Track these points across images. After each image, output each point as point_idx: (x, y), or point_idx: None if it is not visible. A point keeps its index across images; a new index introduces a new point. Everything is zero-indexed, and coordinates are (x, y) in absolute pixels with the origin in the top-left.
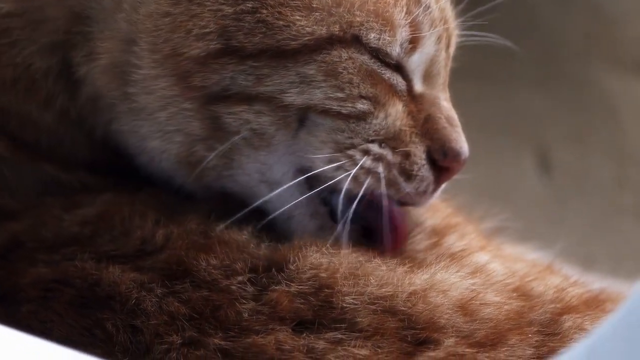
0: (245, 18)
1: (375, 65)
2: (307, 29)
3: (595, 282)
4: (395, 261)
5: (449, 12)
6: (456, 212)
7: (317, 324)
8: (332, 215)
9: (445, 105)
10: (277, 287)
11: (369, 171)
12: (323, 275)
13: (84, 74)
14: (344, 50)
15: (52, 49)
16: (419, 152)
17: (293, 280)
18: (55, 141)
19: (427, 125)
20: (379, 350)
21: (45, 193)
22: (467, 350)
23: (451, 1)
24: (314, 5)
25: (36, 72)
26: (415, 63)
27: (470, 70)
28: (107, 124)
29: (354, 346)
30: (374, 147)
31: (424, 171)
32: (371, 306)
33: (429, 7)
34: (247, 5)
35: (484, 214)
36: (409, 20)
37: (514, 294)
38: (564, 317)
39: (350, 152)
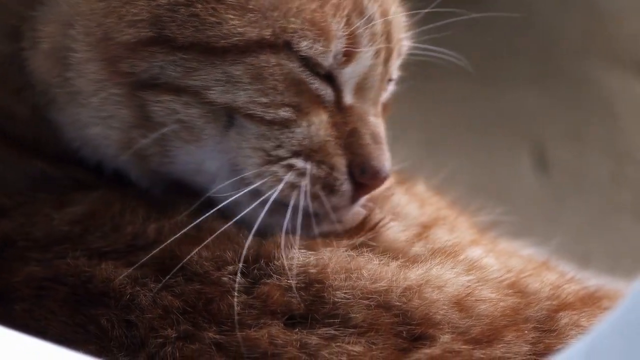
0: (179, 10)
1: (303, 74)
2: (238, 29)
3: (591, 280)
4: (388, 255)
5: (397, 25)
6: (448, 205)
7: (309, 319)
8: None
9: (372, 120)
10: (268, 281)
11: (293, 185)
12: (312, 271)
13: (30, 61)
14: (273, 55)
15: (11, 34)
16: (341, 167)
17: (282, 274)
18: (37, 135)
19: (351, 139)
20: (374, 346)
21: (35, 189)
22: (463, 346)
23: (407, 14)
24: (250, 7)
25: (4, 58)
26: (348, 75)
27: (467, 68)
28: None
29: (348, 342)
30: (298, 162)
31: (346, 186)
32: (364, 301)
33: (371, 21)
34: None
35: (478, 207)
36: (347, 33)
37: (510, 291)
38: (560, 313)
39: (275, 167)
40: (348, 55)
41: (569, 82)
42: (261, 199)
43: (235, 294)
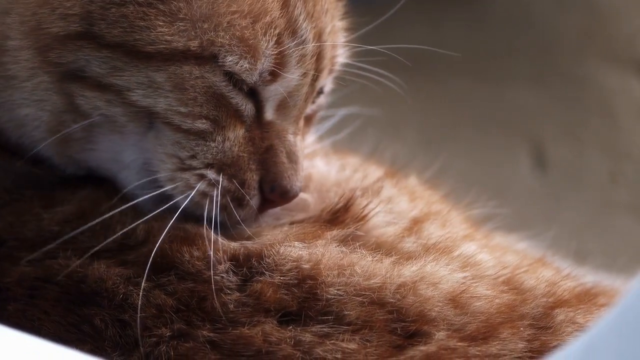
0: (111, 9)
1: (225, 89)
2: (166, 37)
3: (588, 277)
4: (381, 251)
5: (333, 43)
6: (440, 199)
7: (303, 316)
8: None
9: (290, 139)
10: (260, 278)
11: (204, 194)
12: (305, 266)
13: None
14: (196, 67)
15: None
16: (253, 182)
17: (274, 271)
18: (18, 134)
19: (266, 155)
20: (368, 343)
21: (22, 186)
22: (459, 343)
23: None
24: (181, 15)
25: None
26: (272, 92)
27: (465, 67)
28: None
29: (342, 340)
30: (210, 173)
31: (254, 200)
32: (358, 298)
33: (303, 42)
34: None
35: (471, 200)
36: (276, 52)
37: (505, 287)
38: (556, 310)
39: (186, 174)
40: (274, 75)
41: (568, 81)
42: (170, 203)
43: (228, 291)
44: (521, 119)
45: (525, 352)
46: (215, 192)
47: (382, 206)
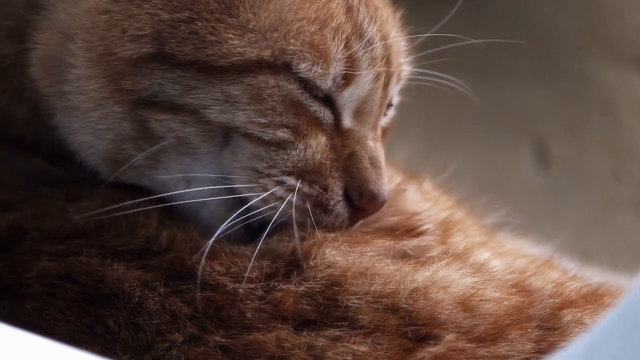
0: (180, 26)
1: (302, 97)
2: (238, 49)
3: (593, 276)
4: (403, 260)
5: (397, 49)
6: (456, 205)
7: (318, 322)
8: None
9: (371, 144)
10: (283, 287)
11: (280, 198)
12: (336, 273)
13: (29, 64)
14: (271, 76)
15: (15, 35)
16: (336, 188)
17: (307, 279)
18: (36, 135)
19: (349, 162)
20: (379, 346)
21: (37, 185)
22: (467, 345)
23: (408, 38)
24: (250, 27)
25: (4, 59)
26: (347, 99)
27: (467, 64)
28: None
29: (354, 342)
30: (289, 179)
31: (340, 207)
32: (374, 305)
33: (371, 44)
34: (184, 14)
35: (485, 208)
36: (346, 55)
37: (514, 290)
38: (564, 311)
39: (264, 180)
40: (347, 79)
41: (570, 79)
42: (244, 207)
43: (248, 301)
44: (523, 117)
45: (533, 352)
46: (293, 198)
47: (433, 225)
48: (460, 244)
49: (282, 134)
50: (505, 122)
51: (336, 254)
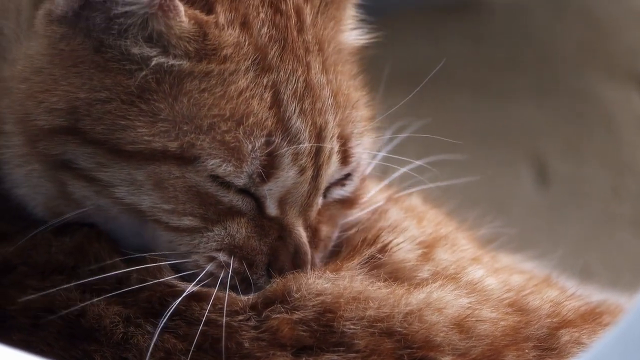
0: (96, 105)
1: (212, 189)
2: (145, 137)
3: (592, 294)
4: (397, 281)
5: (345, 133)
6: (446, 220)
7: (315, 347)
8: None
9: (297, 233)
10: (278, 315)
11: (212, 275)
12: (328, 300)
13: None
14: (176, 167)
15: None
16: (261, 264)
17: (297, 308)
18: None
19: (277, 243)
20: None
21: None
22: None
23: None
24: (162, 116)
25: None
26: (267, 192)
27: (466, 81)
28: None
29: None
30: (221, 256)
31: (262, 282)
32: (369, 329)
33: (297, 139)
34: (102, 94)
35: (478, 220)
36: (265, 153)
37: (510, 309)
38: (561, 331)
39: (196, 256)
40: (264, 176)
41: (569, 95)
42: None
43: (244, 332)
44: (521, 133)
45: None
46: (223, 274)
47: (399, 236)
48: (448, 260)
49: (189, 222)
50: (504, 139)
51: (323, 282)
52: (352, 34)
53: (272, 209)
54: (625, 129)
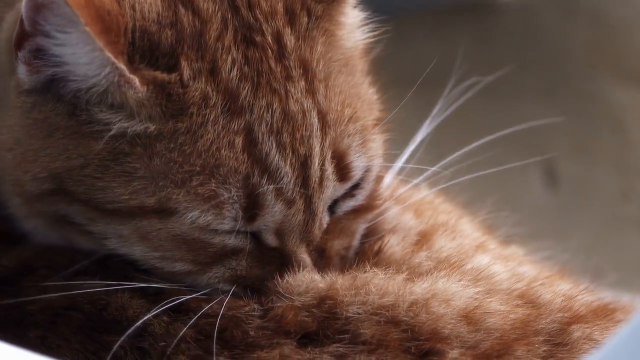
0: (74, 171)
1: (198, 234)
2: (122, 197)
3: (603, 293)
4: (392, 268)
5: (340, 150)
6: (450, 208)
7: (321, 335)
8: None
9: (299, 260)
10: (281, 304)
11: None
12: (321, 286)
13: None
14: (157, 220)
15: None
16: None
17: (293, 294)
18: None
19: (282, 270)
20: None
21: None
22: None
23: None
24: (138, 175)
25: None
26: (259, 227)
27: (476, 83)
28: None
29: None
30: (224, 286)
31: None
32: (375, 317)
33: (277, 174)
34: (78, 161)
35: (484, 211)
36: (245, 195)
37: (520, 301)
38: (573, 326)
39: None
40: (251, 216)
41: (578, 96)
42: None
43: (249, 320)
44: (532, 135)
45: None
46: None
47: (391, 234)
48: (448, 247)
49: (182, 267)
50: (514, 141)
51: (313, 276)
52: (355, 34)
53: (270, 240)
54: (634, 131)
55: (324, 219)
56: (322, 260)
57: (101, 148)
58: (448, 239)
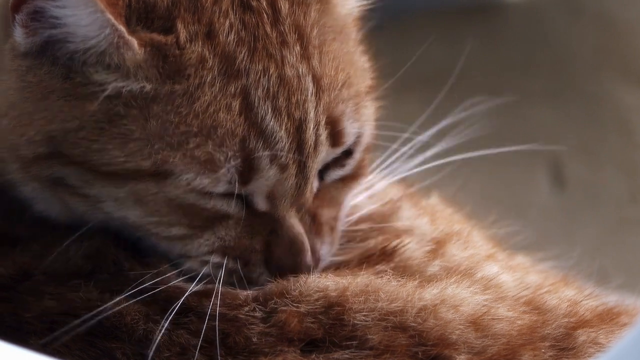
0: (69, 134)
1: (193, 199)
2: (118, 159)
3: (609, 296)
4: (405, 276)
5: (334, 116)
6: (461, 218)
7: (327, 342)
8: None
9: (289, 224)
10: (285, 308)
11: (209, 275)
12: (332, 294)
13: None
14: (153, 184)
15: None
16: (258, 262)
17: (301, 302)
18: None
19: (270, 238)
20: None
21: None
22: None
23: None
24: (134, 137)
25: None
26: (251, 190)
27: (482, 84)
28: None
29: None
30: (214, 258)
31: (263, 278)
32: (382, 323)
33: (272, 139)
34: (73, 123)
35: (493, 220)
36: (240, 158)
37: (527, 308)
38: (578, 331)
39: (189, 262)
40: (244, 178)
41: (584, 98)
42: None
43: (252, 325)
44: (538, 137)
45: None
46: (220, 273)
47: (409, 237)
48: (460, 256)
49: (177, 231)
50: (520, 142)
51: (324, 280)
52: (349, 2)
53: (260, 205)
54: None
55: (314, 183)
56: (313, 226)
57: (96, 109)
58: (461, 249)
